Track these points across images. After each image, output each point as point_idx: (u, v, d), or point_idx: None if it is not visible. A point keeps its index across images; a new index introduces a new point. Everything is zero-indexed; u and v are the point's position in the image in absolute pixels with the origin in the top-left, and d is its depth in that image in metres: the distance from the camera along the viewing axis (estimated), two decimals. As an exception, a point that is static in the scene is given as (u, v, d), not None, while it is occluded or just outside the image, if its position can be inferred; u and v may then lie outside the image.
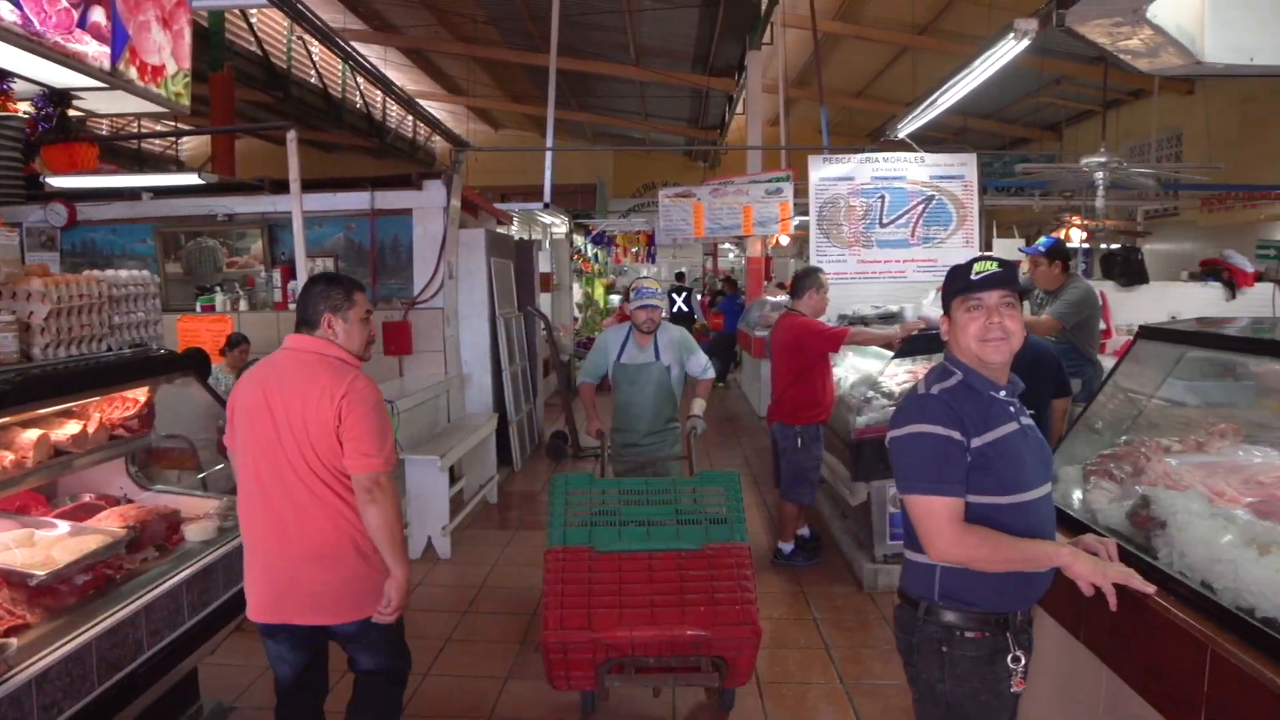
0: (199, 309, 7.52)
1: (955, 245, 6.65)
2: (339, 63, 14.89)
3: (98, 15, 3.29)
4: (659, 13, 12.95)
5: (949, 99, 5.31)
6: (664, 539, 3.53)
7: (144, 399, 3.57)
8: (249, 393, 2.76)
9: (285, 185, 5.40)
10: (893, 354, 5.44)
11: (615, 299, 18.00)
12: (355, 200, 7.32)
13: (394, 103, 17.75)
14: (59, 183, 6.44)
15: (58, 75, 3.46)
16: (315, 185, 7.18)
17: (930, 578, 2.25)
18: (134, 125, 14.66)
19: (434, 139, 21.76)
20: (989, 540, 2.12)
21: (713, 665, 3.35)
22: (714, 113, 19.25)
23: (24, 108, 4.21)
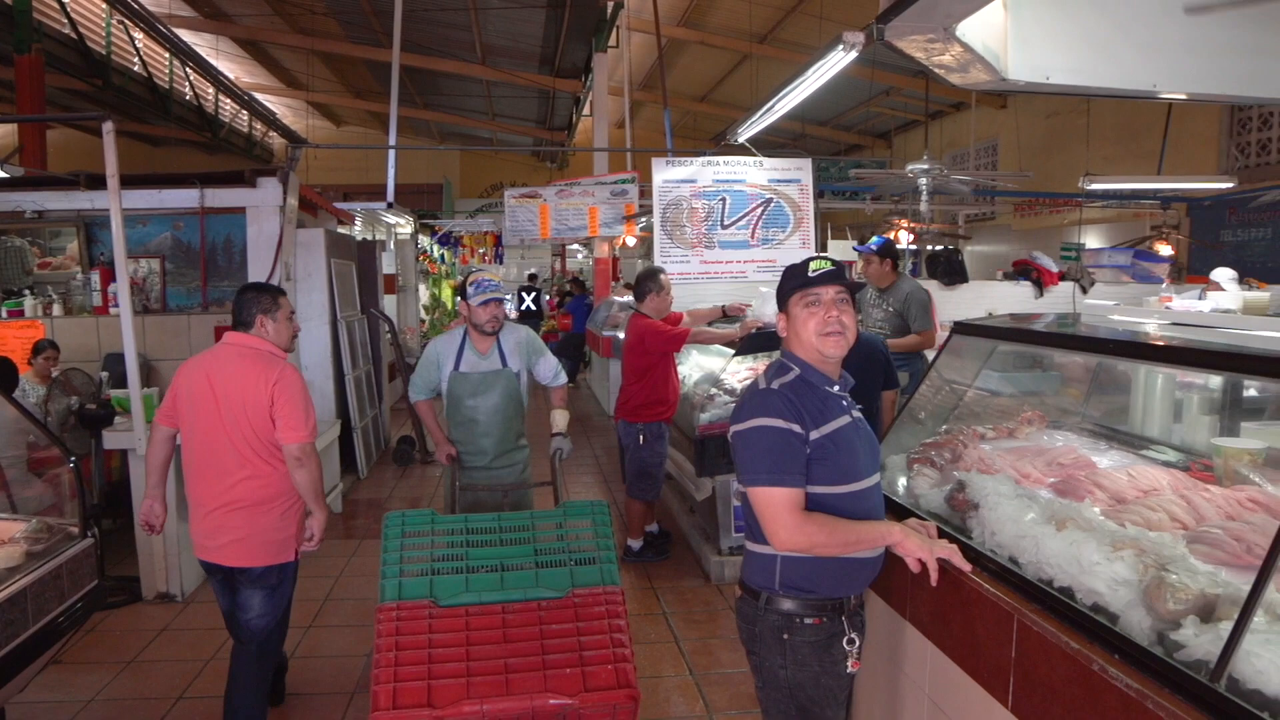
0: (5, 314, 6.91)
1: (793, 246, 6.92)
2: (166, 50, 13.99)
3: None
4: (505, 12, 12.85)
5: (785, 105, 5.51)
6: (522, 586, 3.00)
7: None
8: (194, 379, 3.36)
9: (104, 180, 5.03)
10: (734, 352, 5.62)
11: (461, 300, 17.71)
12: (183, 198, 6.90)
13: (226, 96, 16.91)
14: None
15: None
16: (138, 181, 6.73)
17: (771, 568, 2.33)
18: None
19: (271, 135, 20.80)
20: (827, 526, 2.22)
21: None
22: (561, 114, 19.27)
23: None
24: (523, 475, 4.43)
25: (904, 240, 10.10)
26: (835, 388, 2.39)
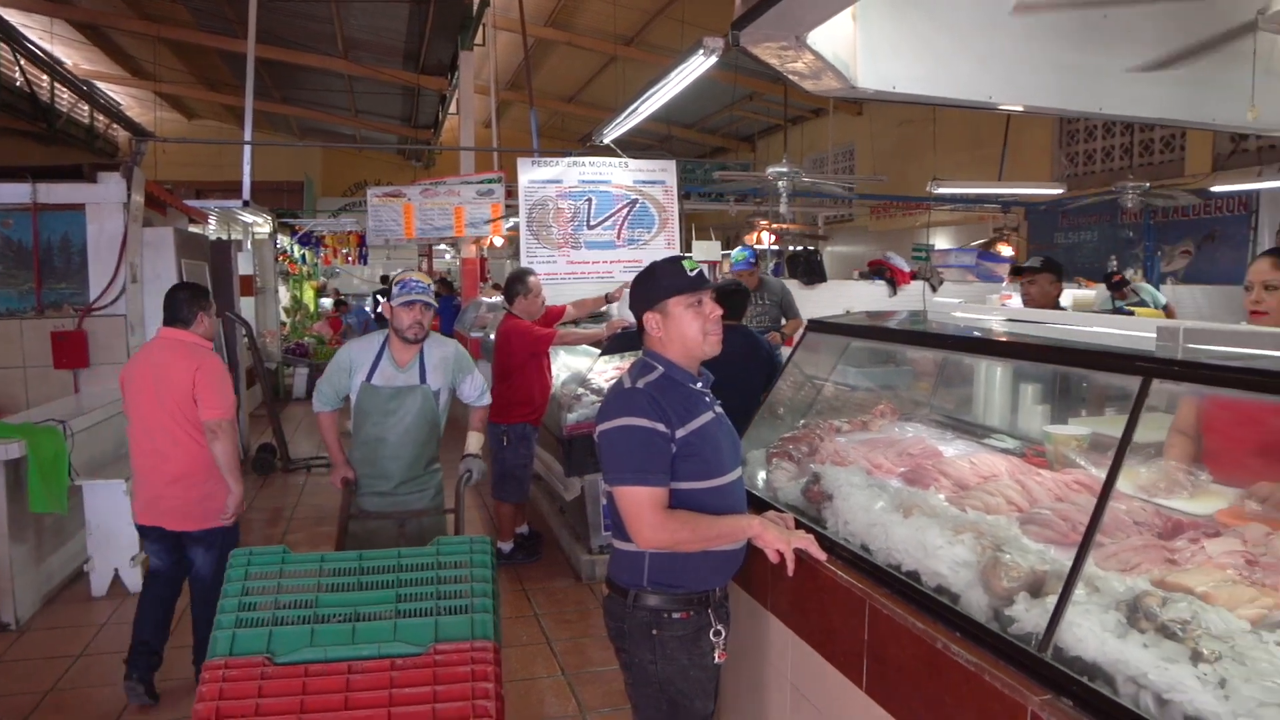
0: None
1: (658, 247, 7.01)
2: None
3: None
4: (368, 5, 12.51)
5: (648, 108, 5.59)
6: (376, 639, 2.56)
7: None
8: (138, 368, 3.91)
9: (-86, 174, 4.62)
10: (600, 351, 5.67)
11: (326, 302, 17.16)
12: (13, 193, 6.38)
13: (62, 84, 15.78)
14: None
15: None
16: (-43, 174, 6.22)
17: (639, 564, 2.36)
18: None
19: (116, 127, 19.54)
20: (689, 522, 2.27)
21: None
22: (427, 112, 18.89)
23: None
24: (433, 502, 4.01)
25: (765, 241, 10.40)
26: (698, 384, 2.44)
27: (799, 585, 2.45)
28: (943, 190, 9.68)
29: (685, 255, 2.58)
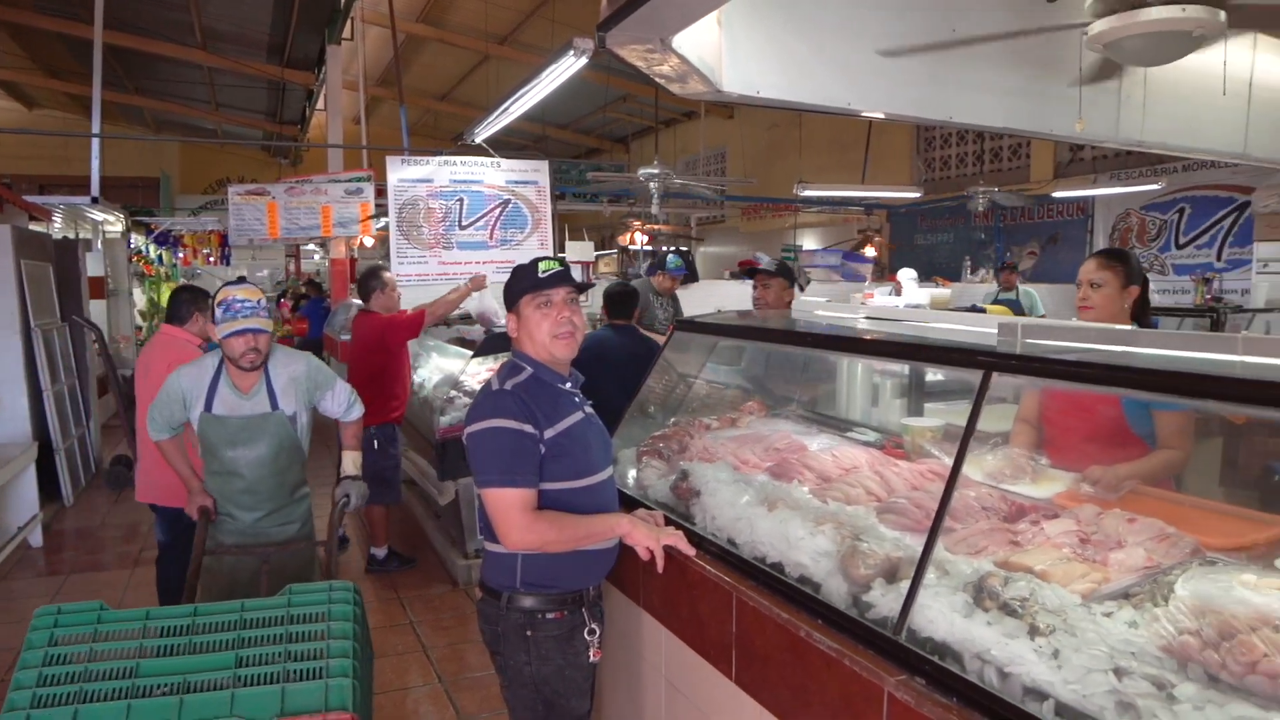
0: None
1: (531, 247, 6.99)
2: None
3: None
4: (227, -6, 11.96)
5: (520, 107, 5.57)
6: (208, 714, 2.08)
7: None
8: (140, 358, 4.40)
9: None
10: (472, 353, 5.62)
11: (190, 307, 16.31)
12: None
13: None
14: None
15: None
16: None
17: (512, 566, 2.35)
18: None
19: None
20: (557, 523, 2.27)
21: None
22: (293, 107, 18.18)
23: None
24: (301, 532, 3.50)
25: (639, 241, 10.51)
26: (567, 385, 2.45)
27: (670, 581, 2.49)
28: (809, 193, 10.01)
29: (550, 256, 2.58)
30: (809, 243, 14.40)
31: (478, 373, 5.73)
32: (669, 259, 7.70)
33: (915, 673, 1.75)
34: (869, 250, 11.55)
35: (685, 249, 9.67)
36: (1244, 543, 2.00)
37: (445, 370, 6.03)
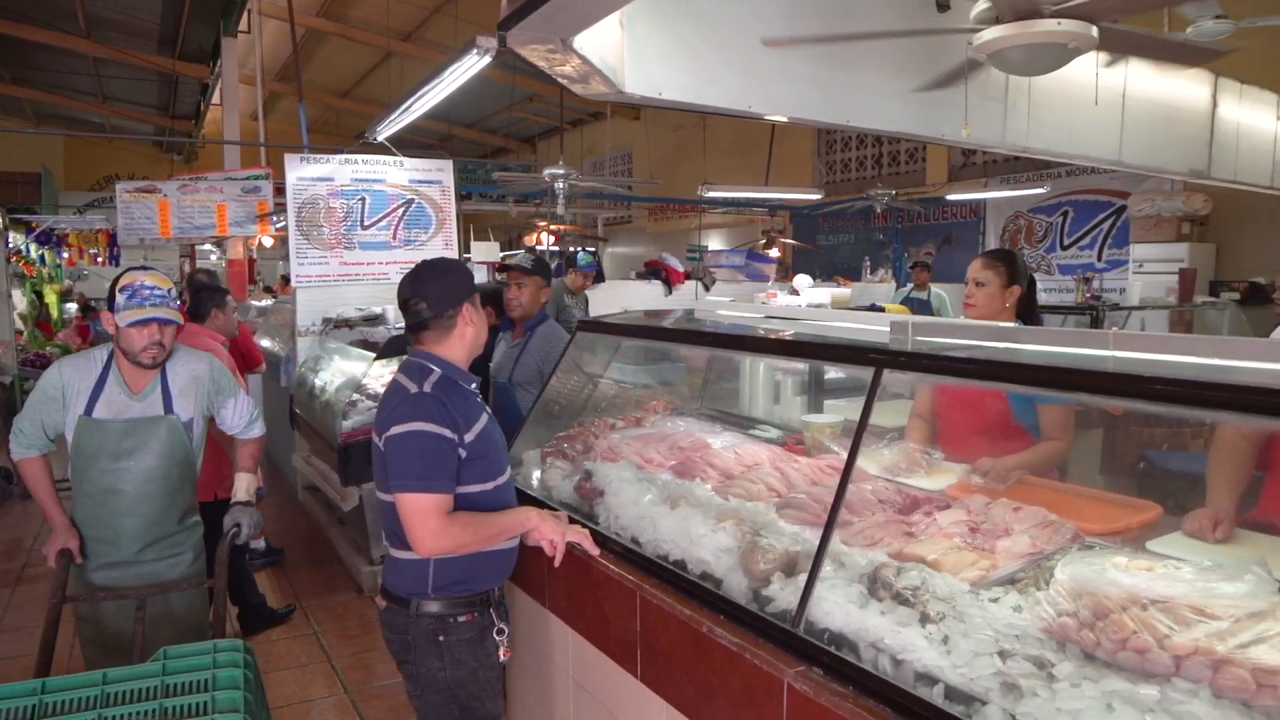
0: None
1: (436, 248, 6.87)
2: None
3: None
4: (112, -20, 11.42)
5: (423, 105, 5.47)
6: None
7: None
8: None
9: None
10: (375, 355, 5.53)
11: (72, 308, 15.54)
12: None
13: None
14: None
15: None
16: None
17: (423, 572, 2.32)
18: None
19: None
20: (470, 524, 2.26)
21: None
22: (187, 101, 17.48)
23: None
24: (193, 569, 3.04)
25: (545, 242, 10.47)
26: (473, 385, 2.44)
27: (575, 582, 2.49)
28: (713, 194, 10.13)
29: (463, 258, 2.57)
30: (714, 243, 14.57)
31: (381, 375, 5.61)
32: (579, 256, 7.81)
33: (813, 663, 1.79)
34: (773, 251, 11.76)
35: (593, 249, 9.68)
36: (1118, 527, 2.12)
37: (347, 373, 5.88)
